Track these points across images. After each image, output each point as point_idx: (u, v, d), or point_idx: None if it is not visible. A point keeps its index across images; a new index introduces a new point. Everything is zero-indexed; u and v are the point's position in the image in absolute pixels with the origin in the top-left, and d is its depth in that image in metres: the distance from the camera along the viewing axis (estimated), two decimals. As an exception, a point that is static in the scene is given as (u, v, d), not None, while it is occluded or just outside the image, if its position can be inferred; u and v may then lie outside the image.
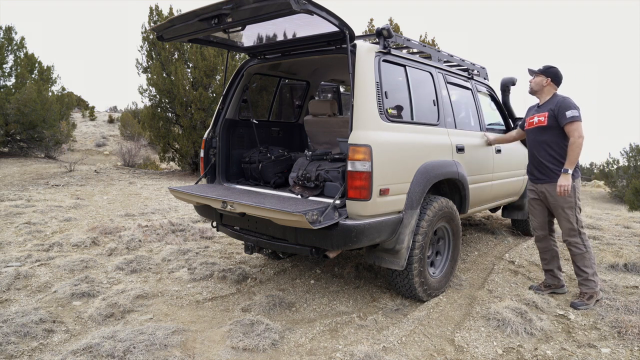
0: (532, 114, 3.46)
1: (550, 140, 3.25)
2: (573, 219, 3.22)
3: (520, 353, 2.65)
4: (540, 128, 3.30)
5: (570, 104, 3.17)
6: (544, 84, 3.35)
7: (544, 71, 3.35)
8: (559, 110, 3.19)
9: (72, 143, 18.22)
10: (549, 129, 3.25)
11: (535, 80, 3.39)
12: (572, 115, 3.12)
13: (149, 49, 12.36)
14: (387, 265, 3.12)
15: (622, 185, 16.69)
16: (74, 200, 7.40)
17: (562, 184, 3.11)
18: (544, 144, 3.28)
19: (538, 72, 3.36)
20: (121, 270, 3.96)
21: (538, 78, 3.37)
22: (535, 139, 3.36)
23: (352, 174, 2.73)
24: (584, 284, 3.27)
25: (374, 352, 2.56)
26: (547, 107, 3.30)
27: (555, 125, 3.21)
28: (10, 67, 14.45)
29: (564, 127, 3.15)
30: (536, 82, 3.38)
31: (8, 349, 2.57)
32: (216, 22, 2.69)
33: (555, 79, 3.35)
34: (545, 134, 3.28)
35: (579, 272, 3.29)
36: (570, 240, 3.26)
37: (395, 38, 3.22)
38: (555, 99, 3.29)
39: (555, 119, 3.20)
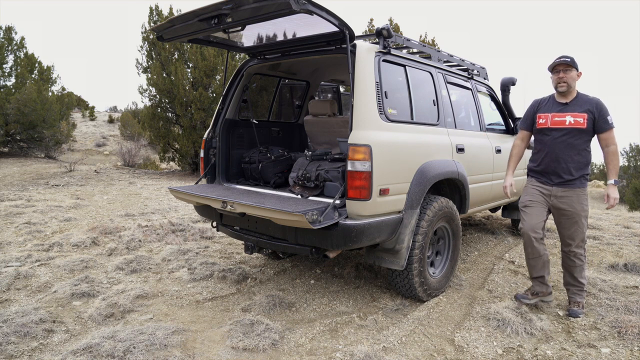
0: (554, 110, 3.04)
1: (582, 146, 2.97)
2: (585, 230, 3.04)
3: (520, 353, 2.65)
4: (577, 130, 2.95)
5: (607, 108, 2.94)
6: (577, 78, 2.99)
7: (574, 63, 2.94)
8: (600, 115, 2.91)
9: (72, 143, 18.22)
10: (585, 133, 2.95)
11: (570, 75, 2.95)
12: (612, 122, 2.92)
13: (149, 49, 12.37)
14: (387, 265, 3.12)
15: (622, 185, 16.70)
16: (74, 200, 7.40)
17: (615, 196, 2.89)
18: (575, 149, 2.96)
19: (572, 64, 2.94)
20: (121, 270, 3.96)
21: (572, 72, 2.95)
22: (565, 141, 2.98)
23: (352, 174, 2.73)
24: (579, 294, 3.14)
25: (374, 352, 2.56)
26: (580, 107, 2.96)
27: (591, 130, 2.95)
28: (10, 67, 14.47)
29: (603, 133, 2.92)
30: (572, 78, 2.97)
31: (8, 349, 2.57)
32: (216, 22, 2.69)
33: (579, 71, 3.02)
34: (580, 138, 2.96)
35: (576, 282, 3.12)
36: (577, 252, 3.05)
37: (395, 38, 3.22)
38: (586, 98, 2.99)
39: (593, 123, 2.93)
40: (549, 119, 3.04)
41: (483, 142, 4.16)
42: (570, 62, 2.93)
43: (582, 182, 3.00)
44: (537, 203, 3.11)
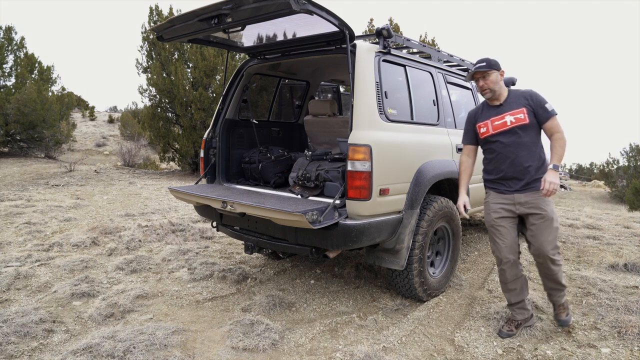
0: (491, 115, 2.81)
1: (531, 141, 2.73)
2: (557, 232, 2.74)
3: (520, 353, 2.65)
4: (521, 127, 2.72)
5: (543, 97, 2.73)
6: (500, 79, 2.78)
7: (491, 65, 2.74)
8: (537, 104, 2.70)
9: (72, 143, 18.22)
10: (530, 127, 2.72)
11: (490, 80, 2.74)
12: (553, 109, 2.70)
13: (149, 49, 12.37)
14: (387, 265, 3.12)
15: (622, 185, 16.70)
16: (74, 200, 7.40)
17: (552, 181, 2.54)
18: (526, 147, 2.72)
19: (489, 68, 2.73)
20: (121, 270, 3.96)
21: (492, 75, 2.74)
22: (515, 142, 2.73)
23: (352, 174, 2.73)
24: (562, 297, 2.88)
25: (374, 352, 2.56)
26: (516, 103, 2.75)
27: (534, 123, 2.72)
28: (10, 67, 14.47)
29: (546, 122, 2.68)
30: (493, 81, 2.75)
31: (8, 349, 2.57)
32: (216, 22, 2.69)
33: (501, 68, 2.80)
34: (527, 134, 2.72)
35: (558, 286, 2.83)
36: (554, 259, 2.71)
37: (395, 38, 3.22)
38: (518, 93, 2.79)
39: (534, 115, 2.71)
40: (489, 125, 2.81)
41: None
42: (486, 66, 2.72)
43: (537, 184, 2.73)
44: (505, 220, 2.79)
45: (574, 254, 4.60)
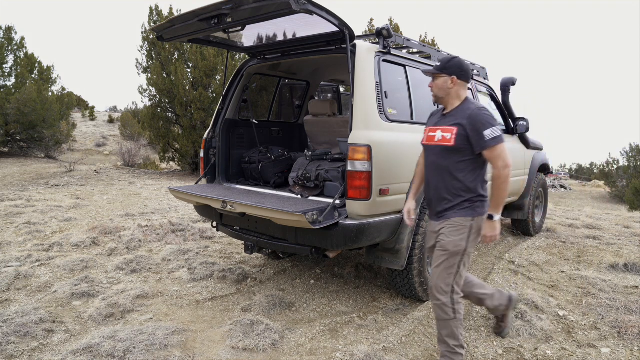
0: (432, 123, 2.46)
1: (454, 169, 2.28)
2: (452, 271, 2.29)
3: (520, 353, 2.65)
4: (444, 149, 2.30)
5: (487, 119, 2.22)
6: (450, 86, 2.32)
7: (444, 67, 2.34)
8: (473, 128, 2.21)
9: (72, 143, 18.23)
10: (455, 152, 2.27)
11: (437, 84, 2.36)
12: (494, 137, 2.17)
13: (149, 49, 12.37)
14: (387, 265, 3.12)
15: (622, 185, 16.71)
16: (74, 200, 7.40)
17: (488, 234, 2.25)
18: (447, 173, 2.31)
19: (437, 71, 2.35)
20: (121, 270, 3.96)
21: (440, 79, 2.34)
22: (435, 162, 2.37)
23: (352, 174, 2.73)
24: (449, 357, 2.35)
25: (374, 352, 2.56)
26: (455, 118, 2.30)
27: (463, 148, 2.25)
28: (10, 67, 14.47)
29: (481, 151, 2.22)
30: (439, 87, 2.35)
31: (8, 349, 2.57)
32: (216, 22, 2.69)
33: (462, 74, 2.33)
34: (448, 158, 2.30)
35: (441, 341, 2.37)
36: (437, 299, 2.30)
37: (395, 38, 3.22)
38: (466, 107, 2.31)
39: (467, 140, 2.24)
40: (426, 134, 2.46)
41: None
42: (435, 69, 2.36)
43: (463, 210, 2.29)
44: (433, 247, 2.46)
45: (574, 254, 4.60)
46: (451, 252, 2.29)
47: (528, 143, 5.07)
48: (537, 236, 5.37)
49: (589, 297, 3.43)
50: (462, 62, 2.35)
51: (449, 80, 2.32)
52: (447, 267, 2.30)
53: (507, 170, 2.18)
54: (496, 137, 2.19)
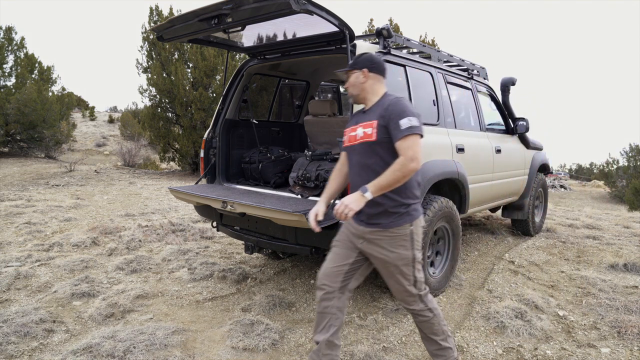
0: (352, 123, 2.27)
1: (383, 165, 2.05)
2: (410, 280, 2.15)
3: (520, 353, 2.65)
4: (367, 145, 2.12)
5: (405, 107, 2.06)
6: (362, 80, 2.18)
7: (354, 63, 2.20)
8: (390, 117, 2.05)
9: (72, 143, 18.23)
10: (379, 146, 2.09)
11: (350, 82, 2.22)
12: (410, 126, 1.99)
13: (149, 49, 12.37)
14: (387, 265, 3.11)
15: (622, 185, 16.72)
16: (74, 200, 7.40)
17: (347, 203, 1.95)
18: (371, 171, 2.09)
19: (349, 69, 2.22)
20: (121, 270, 3.97)
21: (352, 76, 2.21)
22: (359, 162, 2.17)
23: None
24: (439, 355, 2.29)
25: (374, 352, 2.56)
26: (375, 112, 2.14)
27: (386, 140, 2.07)
28: (10, 67, 14.48)
29: (396, 142, 2.01)
30: (352, 83, 2.21)
31: (8, 348, 2.57)
32: (216, 22, 2.70)
33: (374, 67, 2.19)
34: (373, 155, 2.11)
35: (428, 341, 2.30)
36: (410, 309, 2.24)
37: (395, 38, 3.22)
38: (385, 100, 2.16)
39: (387, 130, 2.06)
40: (347, 135, 2.28)
41: (483, 142, 4.16)
42: (348, 67, 2.24)
43: (400, 217, 2.10)
44: (341, 243, 2.29)
45: (574, 254, 4.60)
46: (401, 266, 2.13)
47: (528, 143, 5.07)
48: (537, 236, 5.37)
49: (589, 297, 3.43)
50: (372, 56, 2.22)
51: (360, 75, 2.18)
52: (404, 280, 2.15)
53: (412, 165, 1.95)
54: (412, 126, 2.00)
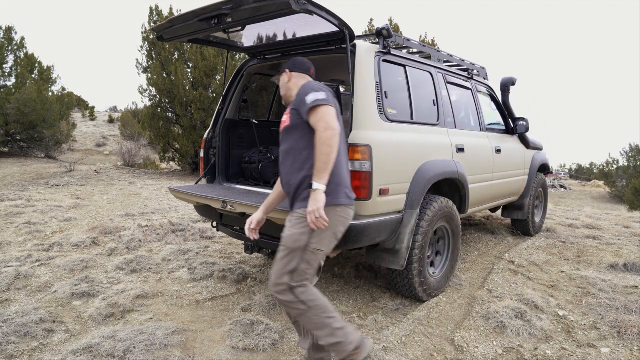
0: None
1: (298, 147, 2.13)
2: (290, 268, 2.03)
3: (520, 353, 2.65)
4: (285, 132, 2.23)
5: (310, 88, 2.12)
6: (286, 80, 2.34)
7: (282, 69, 2.39)
8: (299, 99, 2.13)
9: (72, 143, 18.23)
10: (293, 130, 2.17)
11: (281, 85, 2.38)
12: (315, 99, 2.04)
13: (149, 49, 12.38)
14: (387, 265, 3.12)
15: (622, 185, 16.72)
16: (74, 200, 7.40)
17: (311, 209, 1.96)
18: (289, 155, 2.17)
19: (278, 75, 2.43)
20: (121, 270, 3.97)
21: (281, 79, 2.39)
22: (282, 151, 2.25)
23: (352, 174, 2.73)
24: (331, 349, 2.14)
25: (374, 352, 2.56)
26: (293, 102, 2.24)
27: (300, 122, 2.13)
28: (10, 67, 14.48)
29: (308, 118, 2.07)
30: (282, 85, 2.37)
31: (8, 348, 2.57)
32: (216, 22, 2.69)
33: (295, 66, 2.34)
34: (290, 139, 2.19)
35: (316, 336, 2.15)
36: (280, 300, 2.08)
37: (395, 38, 3.22)
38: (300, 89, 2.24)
39: (299, 113, 2.14)
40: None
41: (483, 142, 4.17)
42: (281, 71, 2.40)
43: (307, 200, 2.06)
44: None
45: (574, 254, 4.60)
46: (290, 248, 2.04)
47: (528, 143, 5.07)
48: (537, 236, 5.37)
49: (589, 297, 3.43)
50: (295, 58, 2.40)
51: (285, 76, 2.36)
52: (285, 264, 2.04)
53: (328, 133, 1.96)
54: (318, 99, 2.04)
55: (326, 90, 2.10)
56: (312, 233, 2.04)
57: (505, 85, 4.87)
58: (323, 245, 2.07)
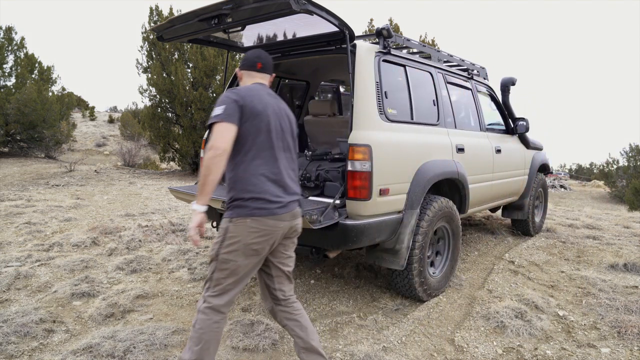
0: None
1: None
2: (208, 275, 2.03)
3: (520, 353, 2.65)
4: None
5: (219, 100, 2.00)
6: (239, 79, 2.25)
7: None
8: None
9: (72, 143, 18.23)
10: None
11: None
12: (212, 116, 1.95)
13: (149, 49, 12.37)
14: (387, 265, 3.12)
15: (622, 185, 16.72)
16: (74, 200, 7.40)
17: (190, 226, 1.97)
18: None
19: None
20: (121, 270, 3.96)
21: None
22: None
23: (352, 174, 2.73)
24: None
25: (374, 352, 2.56)
26: None
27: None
28: (10, 67, 14.47)
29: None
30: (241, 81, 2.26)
31: (8, 348, 2.57)
32: (216, 22, 2.69)
33: (243, 65, 2.20)
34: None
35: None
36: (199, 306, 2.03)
37: (395, 38, 3.22)
38: None
39: None
40: None
41: (483, 142, 4.17)
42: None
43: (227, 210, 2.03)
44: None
45: (574, 254, 4.60)
46: (213, 254, 2.01)
47: (528, 143, 5.07)
48: (537, 236, 5.37)
49: (589, 297, 3.43)
50: (246, 53, 2.25)
51: (239, 74, 2.24)
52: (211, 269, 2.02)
53: (209, 153, 1.85)
54: (212, 116, 1.94)
55: (227, 103, 1.95)
56: (222, 244, 1.98)
57: (505, 85, 4.88)
58: (235, 256, 1.97)
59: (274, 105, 2.11)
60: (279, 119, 2.10)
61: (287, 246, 2.16)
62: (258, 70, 2.19)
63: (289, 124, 2.17)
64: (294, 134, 2.19)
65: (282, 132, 2.09)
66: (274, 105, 2.10)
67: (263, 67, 2.19)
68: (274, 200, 1.99)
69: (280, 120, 2.10)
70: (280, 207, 2.00)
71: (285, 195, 2.03)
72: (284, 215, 2.01)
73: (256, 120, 1.99)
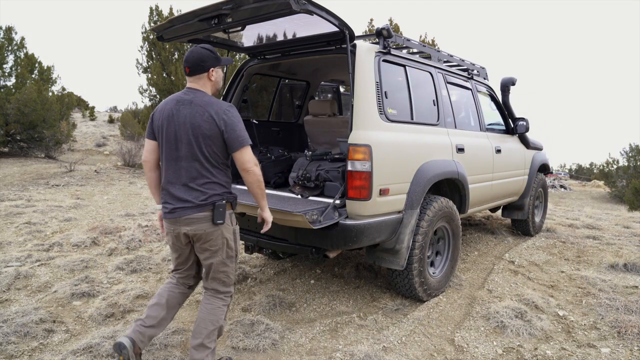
0: None
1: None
2: None
3: (520, 353, 2.65)
4: None
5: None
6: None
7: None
8: None
9: (72, 143, 18.22)
10: None
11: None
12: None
13: (149, 49, 12.38)
14: (387, 265, 3.12)
15: (622, 185, 16.72)
16: (74, 200, 7.39)
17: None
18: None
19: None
20: (121, 270, 3.96)
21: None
22: None
23: (352, 174, 2.73)
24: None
25: (374, 352, 2.56)
26: None
27: None
28: (10, 67, 14.46)
29: None
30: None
31: (8, 348, 2.57)
32: (216, 22, 2.69)
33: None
34: None
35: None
36: None
37: (395, 38, 3.22)
38: None
39: None
40: None
41: (483, 142, 4.16)
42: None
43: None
44: None
45: (574, 254, 4.60)
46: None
47: (528, 143, 5.07)
48: (537, 236, 5.37)
49: (589, 297, 3.43)
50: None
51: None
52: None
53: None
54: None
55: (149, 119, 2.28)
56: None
57: (505, 85, 4.87)
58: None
59: (177, 114, 2.17)
60: (176, 129, 2.16)
61: (198, 250, 2.32)
62: (187, 75, 2.24)
63: (190, 131, 2.14)
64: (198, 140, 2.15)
65: (175, 142, 2.17)
66: (176, 115, 2.17)
67: (190, 71, 2.21)
68: (164, 205, 2.25)
69: (177, 130, 2.16)
70: (166, 212, 2.23)
71: (173, 202, 2.21)
72: (170, 220, 2.23)
73: (160, 132, 2.22)
